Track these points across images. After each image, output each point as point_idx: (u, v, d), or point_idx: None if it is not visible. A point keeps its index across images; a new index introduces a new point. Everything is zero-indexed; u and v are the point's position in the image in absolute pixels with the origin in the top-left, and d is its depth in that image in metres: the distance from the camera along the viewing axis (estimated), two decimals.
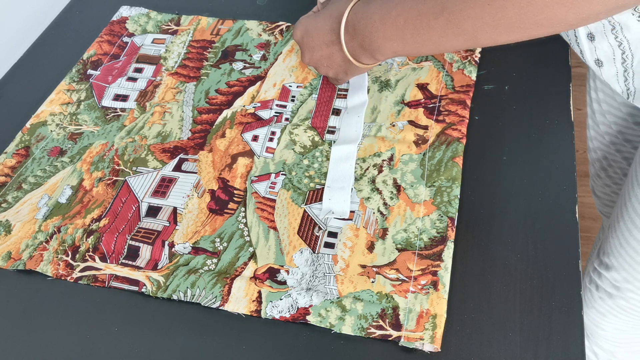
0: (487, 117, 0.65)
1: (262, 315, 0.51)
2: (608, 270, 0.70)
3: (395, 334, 0.49)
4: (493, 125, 0.65)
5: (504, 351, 0.48)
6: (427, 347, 0.48)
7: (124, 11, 0.84)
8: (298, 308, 0.51)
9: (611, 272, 0.70)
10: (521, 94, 0.67)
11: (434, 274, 0.52)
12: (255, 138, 0.65)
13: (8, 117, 0.72)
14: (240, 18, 0.81)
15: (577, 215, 0.56)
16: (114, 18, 0.83)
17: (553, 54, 0.71)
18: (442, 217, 0.56)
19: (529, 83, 0.68)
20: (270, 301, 0.52)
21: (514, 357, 0.48)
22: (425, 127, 0.64)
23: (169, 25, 0.81)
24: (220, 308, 0.52)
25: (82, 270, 0.56)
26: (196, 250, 0.56)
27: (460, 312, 0.51)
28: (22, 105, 0.73)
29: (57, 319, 0.54)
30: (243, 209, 0.59)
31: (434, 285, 0.51)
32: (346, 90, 0.69)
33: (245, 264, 0.55)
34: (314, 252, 0.55)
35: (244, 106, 0.69)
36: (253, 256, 0.55)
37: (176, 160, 0.64)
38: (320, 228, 0.56)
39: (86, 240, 0.58)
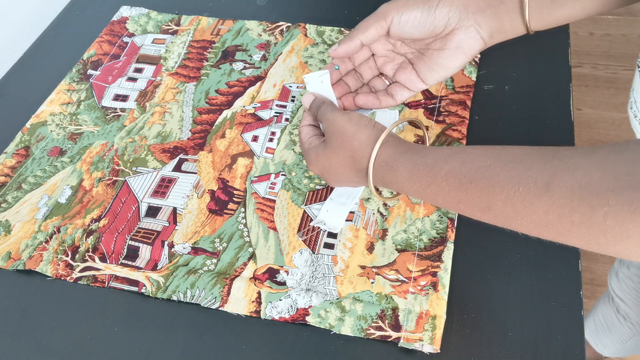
0: (487, 117, 0.65)
1: (262, 316, 0.51)
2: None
3: (394, 334, 0.49)
4: (493, 125, 0.65)
5: (504, 351, 0.48)
6: (427, 348, 0.48)
7: (124, 11, 0.84)
8: (297, 309, 0.51)
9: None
10: (521, 94, 0.67)
11: (434, 274, 0.52)
12: (255, 138, 0.65)
13: (8, 117, 0.72)
14: (240, 18, 0.81)
15: None
16: (114, 18, 0.83)
17: (553, 54, 0.71)
18: (442, 218, 0.56)
19: (529, 83, 0.68)
20: (270, 302, 0.52)
21: (514, 357, 0.48)
22: (426, 128, 0.63)
23: (169, 26, 0.81)
24: (219, 309, 0.52)
25: (81, 271, 0.56)
26: (196, 250, 0.56)
27: (460, 312, 0.51)
28: (22, 105, 0.73)
29: (57, 319, 0.54)
30: (243, 209, 0.59)
31: (434, 286, 0.51)
32: None
33: (245, 264, 0.55)
34: (314, 253, 0.55)
35: (244, 106, 0.69)
36: (253, 256, 0.55)
37: (176, 160, 0.64)
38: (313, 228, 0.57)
39: (86, 240, 0.58)
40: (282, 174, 0.61)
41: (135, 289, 0.54)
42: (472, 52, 0.51)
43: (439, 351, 0.48)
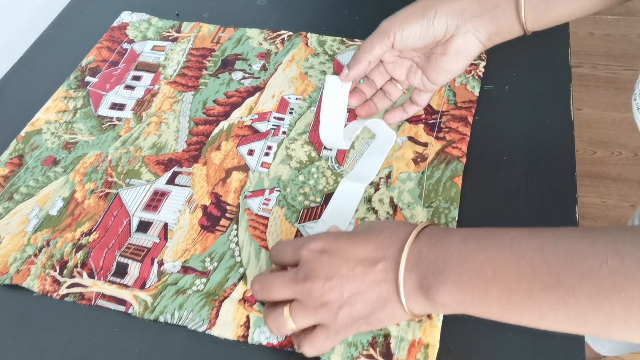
0: (487, 117, 0.65)
1: (249, 341, 0.50)
2: None
3: None
4: (493, 125, 0.64)
5: (504, 351, 0.48)
6: None
7: (125, 17, 0.83)
8: (286, 335, 0.49)
9: None
10: (521, 94, 0.66)
11: None
12: (251, 152, 0.64)
13: (3, 123, 0.71)
14: (240, 18, 0.80)
15: (577, 215, 0.55)
16: (115, 24, 0.82)
17: (553, 54, 0.70)
18: None
19: (529, 83, 0.67)
20: (259, 326, 0.50)
21: (514, 357, 0.47)
22: (425, 144, 0.62)
23: (169, 32, 0.80)
24: (207, 332, 0.50)
25: (69, 287, 0.55)
26: (185, 269, 0.55)
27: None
28: (18, 111, 0.72)
29: (57, 319, 0.53)
30: (235, 226, 0.57)
31: (428, 315, 0.50)
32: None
33: (235, 284, 0.53)
34: None
35: (241, 118, 0.68)
36: (243, 277, 0.54)
37: (170, 173, 0.63)
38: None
39: (75, 255, 0.57)
40: (276, 190, 0.60)
41: (122, 308, 0.53)
42: (472, 55, 0.53)
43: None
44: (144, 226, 0.58)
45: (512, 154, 0.61)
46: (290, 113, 0.67)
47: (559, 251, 0.35)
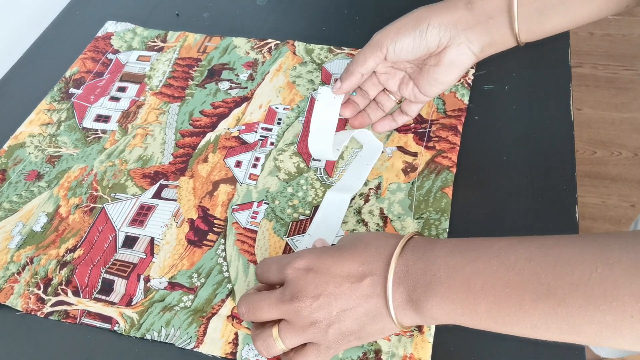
0: (487, 117, 0.64)
1: (238, 358, 0.48)
2: None
3: None
4: (493, 125, 0.64)
5: (504, 351, 0.47)
6: None
7: (110, 26, 0.81)
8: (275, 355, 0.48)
9: None
10: (521, 94, 0.66)
11: None
12: (238, 164, 0.63)
13: (5, 121, 0.71)
14: (240, 18, 0.79)
15: (577, 215, 0.55)
16: (99, 34, 0.81)
17: (553, 54, 0.70)
18: None
19: (529, 83, 0.67)
20: (247, 343, 0.49)
21: (514, 357, 0.47)
22: (415, 154, 0.61)
23: (155, 42, 0.79)
24: (194, 350, 0.49)
25: (53, 305, 0.53)
26: (172, 285, 0.54)
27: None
28: (19, 109, 0.72)
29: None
30: (223, 241, 0.56)
31: (419, 328, 0.49)
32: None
33: (223, 301, 0.52)
34: None
35: (228, 129, 0.67)
36: (231, 293, 0.53)
37: (156, 186, 0.62)
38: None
39: (59, 272, 0.56)
40: (264, 202, 0.59)
41: (107, 326, 0.52)
42: (465, 66, 0.53)
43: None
44: (130, 241, 0.57)
45: (512, 154, 0.61)
46: (278, 123, 0.66)
47: (548, 261, 0.35)
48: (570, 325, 0.34)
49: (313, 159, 0.62)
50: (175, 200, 0.60)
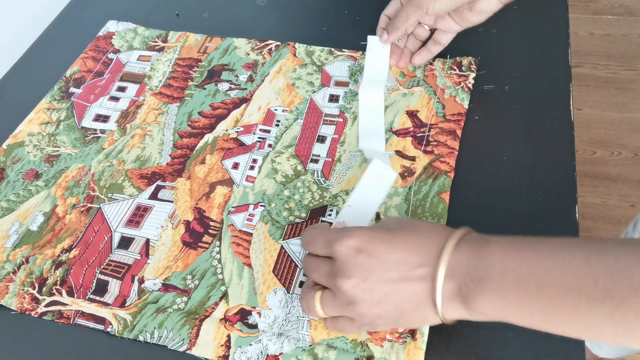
0: (487, 117, 0.64)
1: None
2: None
3: None
4: (493, 125, 0.64)
5: (504, 351, 0.47)
6: None
7: (111, 26, 0.81)
8: (267, 355, 0.48)
9: None
10: (521, 94, 0.66)
11: None
12: (235, 166, 0.63)
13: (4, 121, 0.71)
14: (240, 18, 0.79)
15: (577, 215, 0.55)
16: (100, 33, 0.81)
17: (553, 54, 0.70)
18: None
19: (529, 83, 0.67)
20: (240, 346, 0.49)
21: (514, 357, 0.47)
22: (413, 158, 0.61)
23: (155, 42, 0.78)
24: (187, 352, 0.49)
25: (47, 305, 0.53)
26: (166, 287, 0.54)
27: None
28: (19, 109, 0.72)
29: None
30: (218, 243, 0.56)
31: (412, 334, 0.48)
32: (333, 115, 0.66)
33: (216, 304, 0.52)
34: (289, 292, 0.52)
35: (226, 130, 0.66)
36: (225, 296, 0.53)
37: (153, 187, 0.62)
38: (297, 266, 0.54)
39: (54, 272, 0.56)
40: (261, 205, 0.59)
41: (101, 327, 0.52)
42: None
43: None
44: (125, 242, 0.57)
45: (512, 154, 0.60)
46: (277, 125, 0.66)
47: (607, 265, 0.35)
48: (627, 329, 0.34)
49: (310, 161, 0.62)
50: (172, 202, 0.60)
